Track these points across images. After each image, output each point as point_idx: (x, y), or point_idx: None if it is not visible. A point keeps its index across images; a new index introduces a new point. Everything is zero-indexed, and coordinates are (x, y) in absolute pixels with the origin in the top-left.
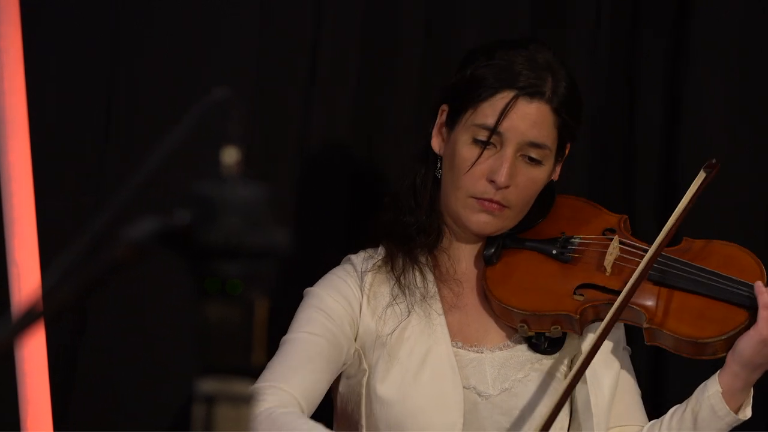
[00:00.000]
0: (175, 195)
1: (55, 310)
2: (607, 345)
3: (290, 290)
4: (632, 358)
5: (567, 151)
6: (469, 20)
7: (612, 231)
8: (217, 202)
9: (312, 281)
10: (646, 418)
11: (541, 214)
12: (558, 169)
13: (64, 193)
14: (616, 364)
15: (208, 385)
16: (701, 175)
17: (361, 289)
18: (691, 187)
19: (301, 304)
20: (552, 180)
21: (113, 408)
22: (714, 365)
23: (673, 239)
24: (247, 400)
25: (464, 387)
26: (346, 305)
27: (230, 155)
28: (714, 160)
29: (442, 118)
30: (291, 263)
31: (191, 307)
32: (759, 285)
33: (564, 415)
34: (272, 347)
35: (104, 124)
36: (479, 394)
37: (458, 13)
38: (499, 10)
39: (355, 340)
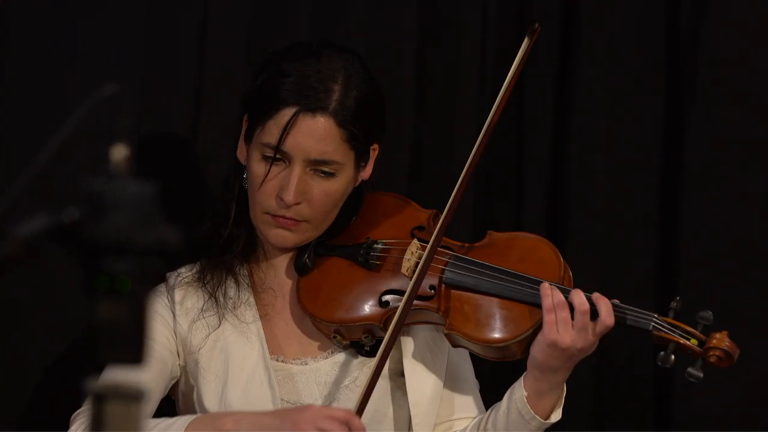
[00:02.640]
0: (64, 192)
1: None
2: (426, 343)
3: None
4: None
5: (376, 152)
6: (354, 21)
7: (421, 229)
8: (106, 199)
9: None
10: (483, 409)
11: (347, 219)
12: (368, 170)
13: None
14: (441, 362)
15: (98, 383)
16: (525, 43)
17: (171, 309)
18: (517, 58)
19: None
20: (363, 180)
21: (2, 405)
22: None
23: (478, 236)
24: (138, 398)
25: (287, 402)
26: (162, 324)
27: (119, 152)
28: (536, 24)
29: (244, 128)
30: (181, 259)
31: (81, 305)
32: (544, 287)
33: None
34: None
35: None
36: None
37: (343, 12)
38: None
39: (179, 356)
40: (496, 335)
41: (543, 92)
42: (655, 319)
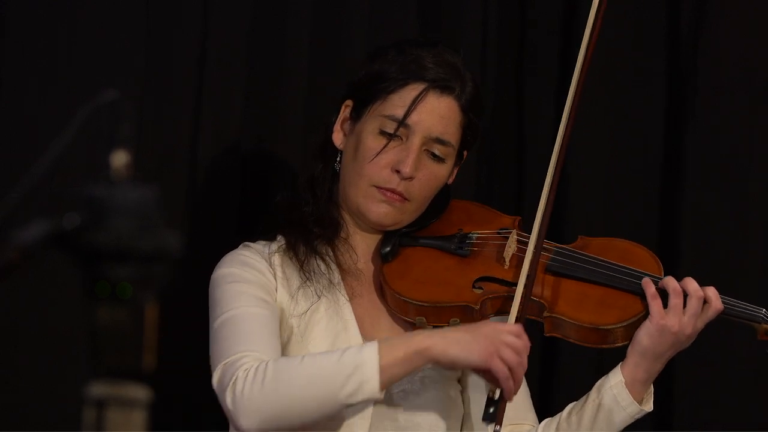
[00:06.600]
0: (65, 198)
1: None
2: None
3: (182, 293)
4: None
5: (463, 160)
6: (355, 22)
7: (507, 230)
8: (107, 204)
9: (204, 283)
10: (536, 418)
11: (434, 215)
12: (454, 172)
13: None
14: None
15: (98, 389)
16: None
17: (271, 268)
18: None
19: (215, 288)
20: (447, 183)
21: (3, 411)
22: (598, 371)
23: (568, 240)
24: (137, 404)
25: None
26: (262, 277)
27: (120, 157)
28: None
29: (345, 113)
30: (182, 265)
31: (82, 311)
32: (646, 279)
33: (456, 420)
34: (164, 350)
35: None
36: None
37: (344, 14)
38: (386, 11)
39: None
40: (604, 318)
41: (544, 93)
42: (764, 313)
